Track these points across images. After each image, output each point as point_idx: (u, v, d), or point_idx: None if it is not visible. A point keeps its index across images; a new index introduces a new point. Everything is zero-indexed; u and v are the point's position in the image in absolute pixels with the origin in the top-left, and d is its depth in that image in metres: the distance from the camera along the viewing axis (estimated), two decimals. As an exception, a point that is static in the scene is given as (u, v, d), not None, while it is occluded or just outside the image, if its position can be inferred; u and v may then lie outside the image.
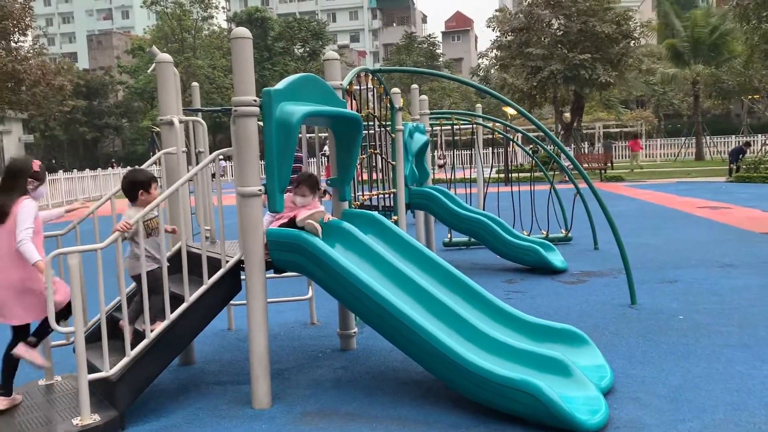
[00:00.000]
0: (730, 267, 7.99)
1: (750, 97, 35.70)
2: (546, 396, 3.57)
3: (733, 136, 38.22)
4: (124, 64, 57.20)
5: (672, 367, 4.64)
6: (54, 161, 49.25)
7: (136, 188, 4.37)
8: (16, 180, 4.14)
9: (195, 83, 6.80)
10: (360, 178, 7.39)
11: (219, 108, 8.56)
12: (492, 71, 42.53)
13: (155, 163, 5.36)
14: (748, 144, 24.52)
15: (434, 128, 11.84)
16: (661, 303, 6.41)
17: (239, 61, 4.15)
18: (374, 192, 7.03)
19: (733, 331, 5.42)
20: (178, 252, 4.49)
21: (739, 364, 4.64)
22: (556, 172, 14.95)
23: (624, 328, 5.63)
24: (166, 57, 5.09)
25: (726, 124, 47.68)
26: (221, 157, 4.58)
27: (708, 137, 38.87)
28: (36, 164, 4.27)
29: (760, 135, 36.36)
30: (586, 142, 37.00)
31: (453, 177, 11.16)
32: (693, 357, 4.83)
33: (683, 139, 40.55)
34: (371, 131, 6.77)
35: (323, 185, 5.23)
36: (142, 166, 5.30)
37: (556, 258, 8.49)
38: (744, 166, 22.92)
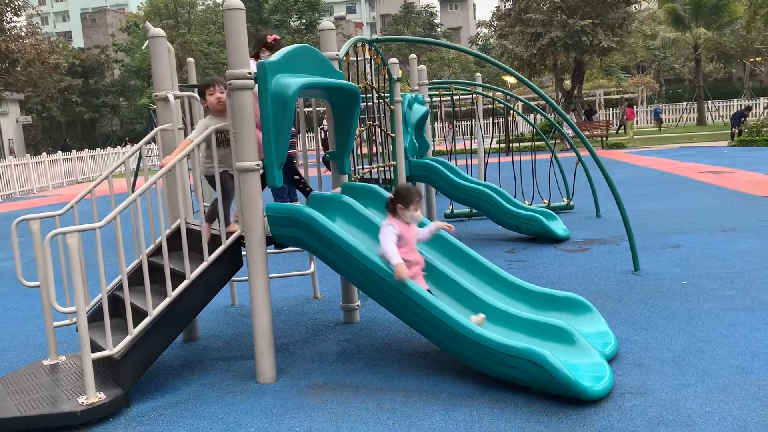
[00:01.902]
0: (732, 231, 7.96)
1: (752, 60, 35.29)
2: (550, 364, 3.56)
3: (735, 100, 37.90)
4: (120, 42, 56.61)
5: (676, 332, 4.64)
6: (66, 140, 49.06)
7: (201, 93, 4.69)
8: None
9: (191, 59, 6.71)
10: (360, 151, 7.33)
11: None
12: (491, 40, 42.06)
13: (152, 140, 5.30)
14: (749, 108, 24.33)
15: (434, 99, 11.73)
16: (664, 269, 6.40)
17: (232, 33, 4.07)
18: (374, 165, 6.97)
19: (736, 295, 5.40)
20: (178, 229, 4.46)
21: (743, 327, 4.63)
22: (557, 141, 14.84)
23: (627, 295, 5.62)
24: (159, 32, 5.00)
25: (728, 88, 47.23)
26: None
27: (710, 102, 38.55)
28: None
29: (762, 98, 36.05)
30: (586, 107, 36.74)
31: (453, 148, 11.08)
32: (697, 322, 4.82)
33: (685, 104, 40.22)
34: (369, 103, 6.69)
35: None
36: (139, 143, 5.26)
37: (558, 226, 8.46)
38: (746, 130, 22.76)
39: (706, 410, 3.43)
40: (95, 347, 4.04)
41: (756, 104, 33.76)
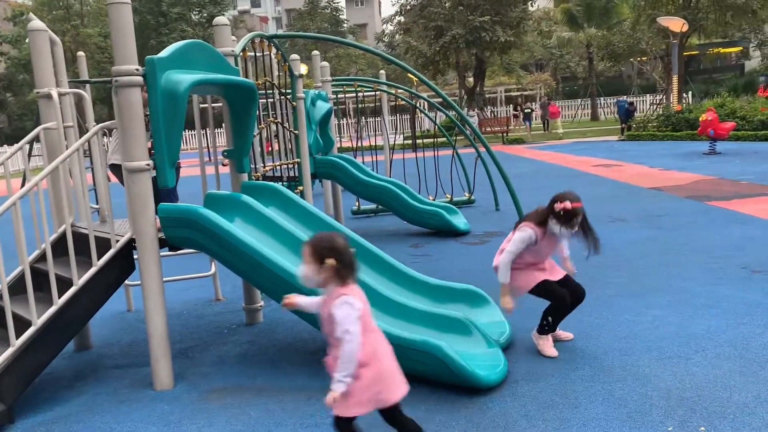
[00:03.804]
0: (621, 221, 8.46)
1: (639, 59, 37.56)
2: (446, 355, 3.66)
3: (625, 96, 40.19)
4: (5, 33, 52.90)
5: (567, 318, 4.85)
6: None
7: None
8: None
9: (81, 53, 6.39)
10: (267, 150, 7.23)
11: (108, 79, 8.08)
12: (396, 36, 42.53)
13: (34, 139, 5.00)
14: (631, 104, 25.95)
15: (338, 95, 11.73)
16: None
17: (118, 27, 3.90)
18: (277, 163, 6.89)
19: (623, 282, 5.75)
20: (65, 233, 4.23)
21: (627, 312, 4.94)
22: (459, 137, 15.22)
23: (523, 285, 5.84)
24: (39, 24, 4.71)
25: (619, 86, 50.02)
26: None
27: (602, 98, 40.73)
28: None
29: (648, 95, 38.42)
30: (489, 107, 37.86)
31: (359, 144, 11.14)
32: (585, 308, 5.06)
33: (579, 100, 42.27)
34: (271, 100, 6.60)
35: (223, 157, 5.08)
36: (21, 142, 4.94)
37: (459, 220, 8.69)
38: (634, 125, 24.21)
39: (591, 392, 3.63)
40: (-27, 362, 3.78)
41: (642, 100, 35.93)
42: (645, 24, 30.84)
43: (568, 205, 4.02)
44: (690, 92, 33.71)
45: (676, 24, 24.13)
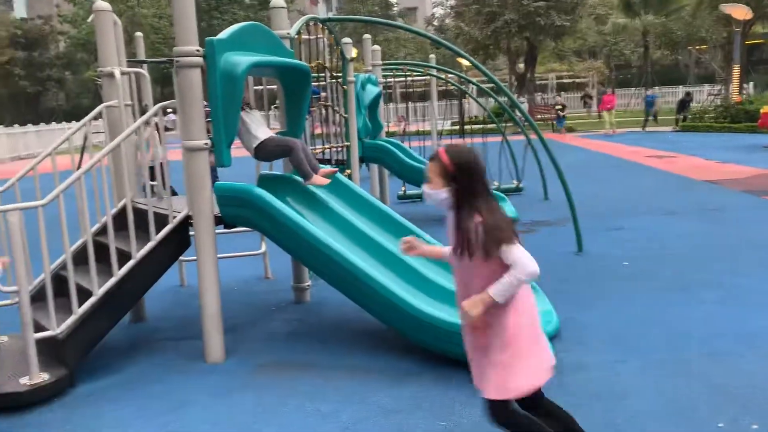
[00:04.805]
0: (672, 214, 8.27)
1: (697, 47, 36.34)
2: (493, 342, 3.66)
3: (681, 86, 39.00)
4: (65, 12, 54.42)
5: (615, 310, 4.82)
6: None
7: None
8: None
9: (139, 33, 6.54)
10: (313, 132, 7.30)
11: (165, 59, 8.27)
12: (447, 20, 42.10)
13: (97, 117, 5.17)
14: (688, 94, 25.15)
15: (387, 80, 11.73)
16: (607, 250, 6.62)
17: (180, 8, 3.99)
18: (327, 145, 6.96)
19: (672, 275, 5.64)
20: (124, 208, 4.39)
21: (677, 306, 4.85)
22: (509, 124, 15.06)
23: (571, 275, 5.80)
24: (104, 5, 4.86)
25: (675, 75, 48.53)
26: (170, 109, 4.45)
27: (657, 88, 39.59)
28: None
29: (706, 85, 37.18)
30: (539, 94, 37.21)
31: (407, 129, 11.14)
32: (635, 301, 5.02)
33: (633, 89, 41.17)
34: (323, 83, 6.66)
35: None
36: (84, 120, 5.13)
37: (507, 208, 8.63)
38: (690, 116, 23.50)
39: (639, 385, 3.60)
40: (39, 327, 3.97)
41: (699, 91, 34.80)
42: (706, 11, 29.78)
43: None
44: (751, 83, 32.47)
45: (739, 11, 23.22)
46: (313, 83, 5.47)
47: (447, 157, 2.51)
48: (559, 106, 25.82)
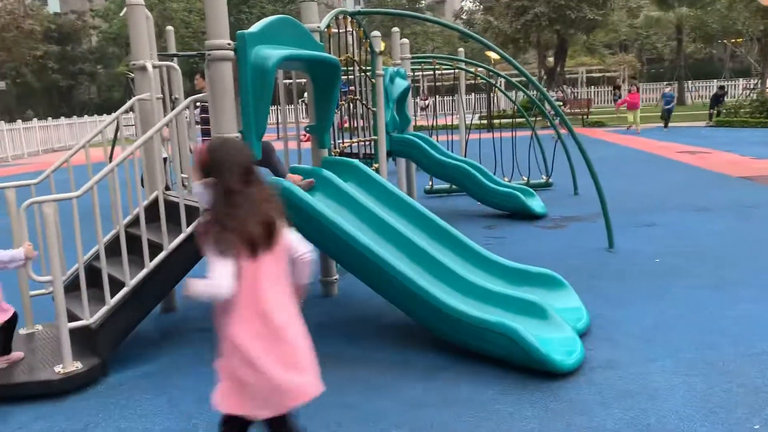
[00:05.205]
0: (705, 211, 8.11)
1: (733, 41, 35.52)
2: (522, 338, 3.64)
3: (715, 80, 38.19)
4: (97, 7, 55.27)
5: (646, 308, 4.75)
6: (30, 111, 47.96)
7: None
8: None
9: (170, 27, 6.60)
10: (341, 126, 7.30)
11: (195, 53, 8.32)
12: (476, 15, 41.77)
13: (129, 110, 5.24)
14: (722, 88, 24.57)
15: (416, 73, 11.68)
16: (638, 246, 6.51)
17: (211, 2, 4.01)
18: (355, 139, 6.96)
19: (706, 273, 5.53)
20: (156, 200, 4.44)
21: (711, 305, 4.76)
22: (538, 118, 14.90)
23: (601, 271, 5.73)
24: (137, -1, 4.91)
25: (709, 69, 47.53)
26: (198, 103, 4.48)
27: (690, 82, 38.78)
28: None
29: (741, 79, 36.35)
30: (569, 87, 36.74)
31: (435, 124, 11.08)
32: (667, 298, 4.93)
33: (665, 83, 40.41)
34: (351, 76, 6.65)
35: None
36: (117, 113, 5.19)
37: (535, 203, 8.55)
38: (724, 111, 23.00)
39: (672, 384, 3.54)
40: (72, 317, 4.04)
41: (735, 85, 34.03)
42: (742, 3, 29.08)
43: None
44: (788, 77, 31.64)
45: (776, 4, 22.63)
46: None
47: (204, 151, 2.46)
48: (559, 102, 24.96)
